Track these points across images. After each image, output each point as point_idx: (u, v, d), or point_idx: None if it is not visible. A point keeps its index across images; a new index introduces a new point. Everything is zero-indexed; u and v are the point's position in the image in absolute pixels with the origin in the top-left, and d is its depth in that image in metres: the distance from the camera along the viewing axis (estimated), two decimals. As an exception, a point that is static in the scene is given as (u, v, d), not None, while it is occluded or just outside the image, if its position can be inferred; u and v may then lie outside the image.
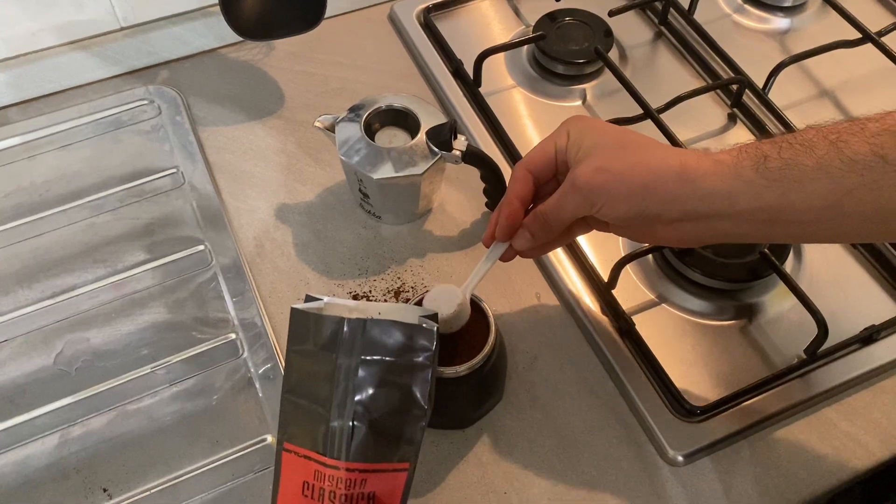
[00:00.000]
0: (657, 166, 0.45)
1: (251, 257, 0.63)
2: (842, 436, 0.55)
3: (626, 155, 0.46)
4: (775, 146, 0.43)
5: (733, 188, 0.43)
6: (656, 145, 0.47)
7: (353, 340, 0.41)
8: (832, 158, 0.41)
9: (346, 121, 0.61)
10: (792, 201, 0.42)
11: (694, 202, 0.44)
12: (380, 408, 0.41)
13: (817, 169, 0.41)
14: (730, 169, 0.43)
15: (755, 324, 0.60)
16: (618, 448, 0.54)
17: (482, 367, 0.49)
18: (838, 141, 0.41)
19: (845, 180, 0.41)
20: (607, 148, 0.47)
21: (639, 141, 0.47)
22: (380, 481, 0.41)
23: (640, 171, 0.45)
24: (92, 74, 0.73)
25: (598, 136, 0.47)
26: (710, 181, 0.44)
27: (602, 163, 0.46)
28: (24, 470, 0.53)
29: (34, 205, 0.66)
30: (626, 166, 0.45)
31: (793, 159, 0.42)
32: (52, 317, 0.60)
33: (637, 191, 0.45)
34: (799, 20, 0.81)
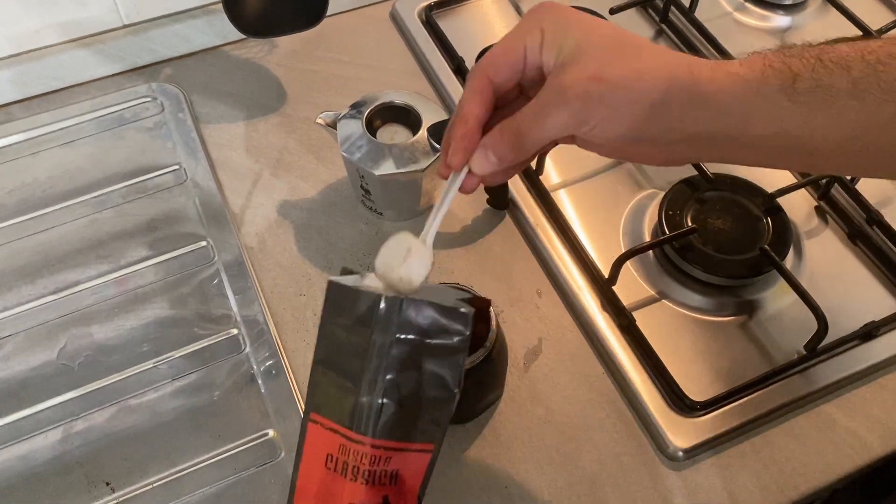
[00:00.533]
0: (664, 77, 0.37)
1: (253, 253, 0.63)
2: (841, 431, 0.55)
3: (624, 60, 0.38)
4: (806, 63, 0.37)
5: (754, 110, 0.37)
6: (657, 48, 0.39)
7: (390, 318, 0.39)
8: (870, 83, 0.36)
9: (347, 118, 0.61)
10: (816, 128, 0.37)
11: (704, 124, 0.38)
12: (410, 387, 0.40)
13: (852, 94, 0.36)
14: (752, 87, 0.37)
15: (755, 320, 0.60)
16: (618, 443, 0.54)
17: (483, 363, 0.50)
18: (878, 63, 0.36)
19: (881, 109, 0.36)
20: (599, 49, 0.38)
21: (635, 41, 0.39)
22: (404, 460, 0.40)
23: (646, 84, 0.37)
24: (95, 72, 0.73)
25: (584, 33, 0.38)
26: (725, 99, 0.37)
27: (597, 69, 0.37)
28: (28, 464, 0.54)
29: (37, 201, 0.66)
30: (626, 75, 0.37)
31: (825, 80, 0.36)
32: (56, 312, 0.60)
33: (641, 109, 0.38)
34: (800, 18, 0.81)
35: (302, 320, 0.59)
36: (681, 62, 0.38)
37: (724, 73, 0.38)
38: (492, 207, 0.66)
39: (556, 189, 0.67)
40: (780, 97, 0.37)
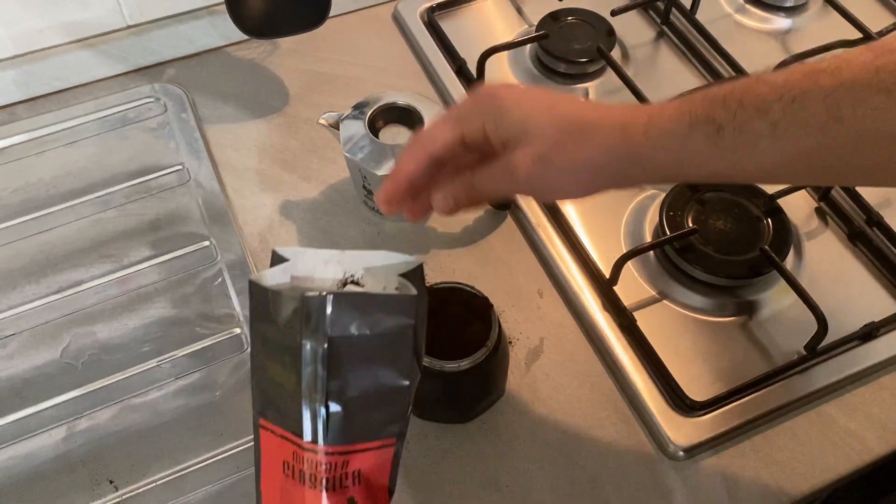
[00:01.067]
0: (603, 145, 0.42)
1: (256, 253, 0.63)
2: (841, 431, 0.55)
3: (564, 135, 0.42)
4: (728, 112, 0.40)
5: (683, 158, 0.41)
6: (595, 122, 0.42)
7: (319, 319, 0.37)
8: (787, 123, 0.39)
9: (350, 118, 0.61)
10: (744, 166, 0.41)
11: (641, 176, 0.43)
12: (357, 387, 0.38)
13: (772, 135, 0.39)
14: (680, 140, 0.41)
15: (755, 320, 0.60)
16: (619, 442, 0.55)
17: (484, 362, 0.50)
18: (793, 102, 0.39)
19: (800, 143, 0.39)
20: (542, 130, 0.42)
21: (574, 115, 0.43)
22: (365, 459, 0.39)
23: (586, 157, 0.42)
24: (98, 72, 0.74)
25: (524, 114, 0.43)
26: (660, 155, 0.41)
27: (540, 149, 0.42)
28: (32, 462, 0.54)
29: (41, 201, 0.66)
30: (567, 156, 0.42)
31: (746, 125, 0.40)
32: (59, 311, 0.60)
33: (584, 179, 0.43)
34: (800, 20, 0.81)
35: (304, 320, 0.60)
36: (615, 129, 0.42)
37: (657, 131, 0.41)
38: (493, 208, 0.66)
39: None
40: (706, 147, 0.40)
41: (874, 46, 0.39)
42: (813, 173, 0.42)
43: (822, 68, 0.39)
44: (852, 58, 0.39)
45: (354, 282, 0.44)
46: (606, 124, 0.42)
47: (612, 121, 0.42)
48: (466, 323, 0.51)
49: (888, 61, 0.37)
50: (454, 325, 0.51)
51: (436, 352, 0.49)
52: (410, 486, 0.53)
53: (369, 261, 0.44)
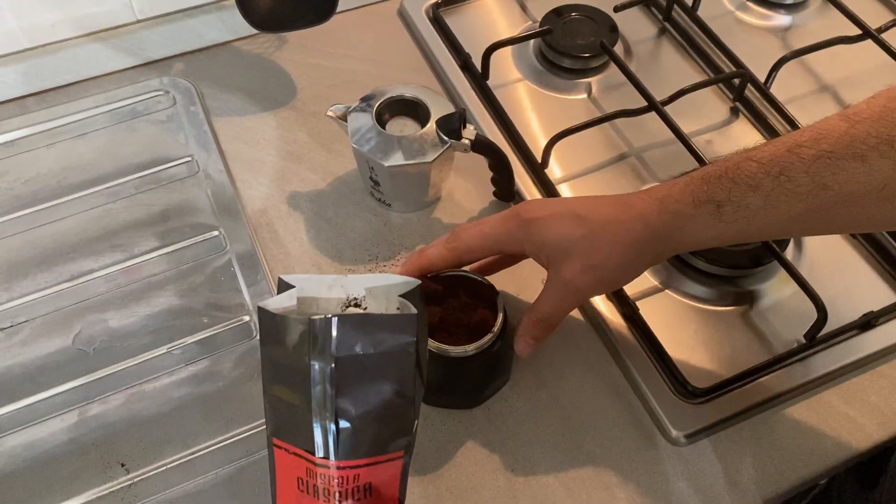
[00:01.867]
0: (630, 240, 0.48)
1: (264, 243, 0.64)
2: (840, 418, 0.56)
3: (600, 244, 0.49)
4: (724, 190, 0.46)
5: (698, 237, 0.48)
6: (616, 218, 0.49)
7: (325, 340, 0.39)
8: (778, 195, 0.44)
9: (357, 110, 0.62)
10: (748, 232, 0.47)
11: (667, 252, 0.51)
12: (364, 403, 0.40)
13: (766, 206, 0.45)
14: (688, 219, 0.47)
15: (756, 309, 0.61)
16: (622, 428, 0.56)
17: (490, 348, 0.51)
18: (780, 175, 0.44)
19: (792, 210, 0.45)
20: (578, 243, 0.49)
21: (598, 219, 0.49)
22: (375, 473, 0.41)
23: (620, 252, 0.49)
24: (108, 65, 0.75)
25: (559, 235, 0.49)
26: (675, 234, 0.48)
27: (585, 260, 0.49)
28: (45, 445, 0.55)
29: (52, 191, 0.67)
30: (606, 255, 0.49)
31: (742, 200, 0.45)
32: (71, 299, 0.61)
33: (627, 269, 0.50)
34: (800, 17, 0.83)
35: (312, 308, 0.61)
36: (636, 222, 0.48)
37: (669, 216, 0.48)
38: (498, 199, 0.67)
39: (560, 182, 0.68)
40: (710, 220, 0.47)
41: (848, 115, 0.44)
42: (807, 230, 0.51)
43: (803, 142, 0.44)
44: (829, 129, 0.44)
45: (357, 304, 0.47)
46: (628, 219, 0.49)
47: (632, 214, 0.49)
48: (472, 309, 0.52)
49: (860, 131, 0.42)
50: (460, 311, 0.52)
51: (442, 338, 0.50)
52: (416, 472, 0.53)
53: (370, 283, 0.47)
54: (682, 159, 0.67)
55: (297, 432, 0.40)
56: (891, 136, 0.42)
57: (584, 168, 0.69)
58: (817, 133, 0.44)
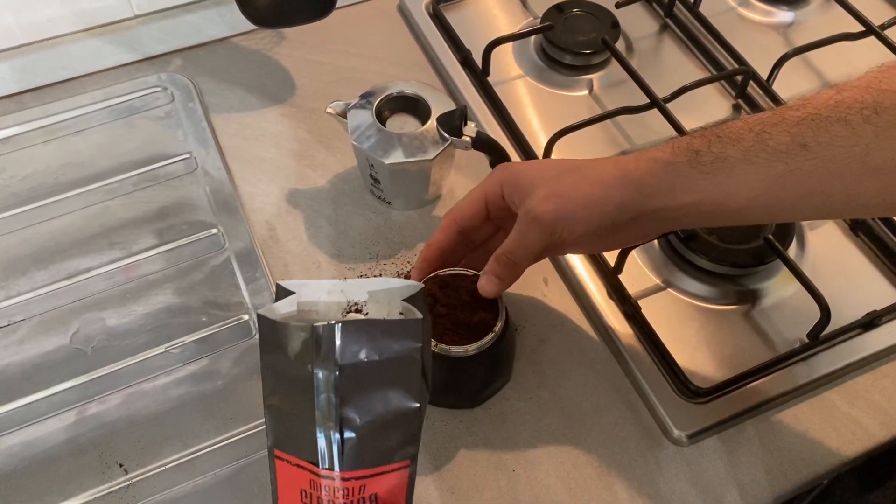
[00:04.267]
0: (600, 178, 0.48)
1: (263, 241, 0.64)
2: (843, 418, 0.56)
3: (568, 178, 0.49)
4: (705, 140, 0.45)
5: (672, 183, 0.46)
6: (591, 162, 0.50)
7: (328, 347, 0.38)
8: (757, 150, 0.44)
9: (357, 107, 0.62)
10: (726, 192, 0.45)
11: (640, 202, 0.47)
12: (370, 412, 0.39)
13: (744, 161, 0.44)
14: (666, 166, 0.46)
15: (758, 308, 0.61)
16: (623, 428, 0.55)
17: (491, 347, 0.50)
18: (762, 132, 0.44)
19: (771, 169, 0.44)
20: (548, 179, 0.49)
21: (573, 163, 0.50)
22: (381, 483, 0.39)
23: (588, 187, 0.48)
24: (106, 61, 0.74)
25: (533, 172, 0.50)
26: (650, 180, 0.47)
27: (549, 190, 0.48)
28: (43, 445, 0.54)
29: (50, 188, 0.67)
30: (572, 186, 0.48)
31: (722, 152, 0.45)
32: (68, 297, 0.61)
33: (591, 205, 0.48)
34: (803, 13, 0.82)
35: (312, 307, 0.60)
36: (611, 163, 0.48)
37: (646, 160, 0.47)
38: (499, 197, 0.67)
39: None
40: (688, 170, 0.45)
41: (839, 86, 0.44)
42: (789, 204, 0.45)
43: (790, 105, 0.44)
44: (817, 96, 0.44)
45: (358, 309, 0.46)
46: (602, 163, 0.49)
47: (607, 161, 0.49)
48: (473, 309, 0.51)
49: (847, 96, 0.42)
50: (461, 311, 0.51)
51: (443, 337, 0.50)
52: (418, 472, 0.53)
53: (372, 287, 0.45)
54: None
55: (300, 443, 0.39)
56: (876, 101, 0.41)
57: (586, 165, 0.69)
58: (805, 101, 0.44)
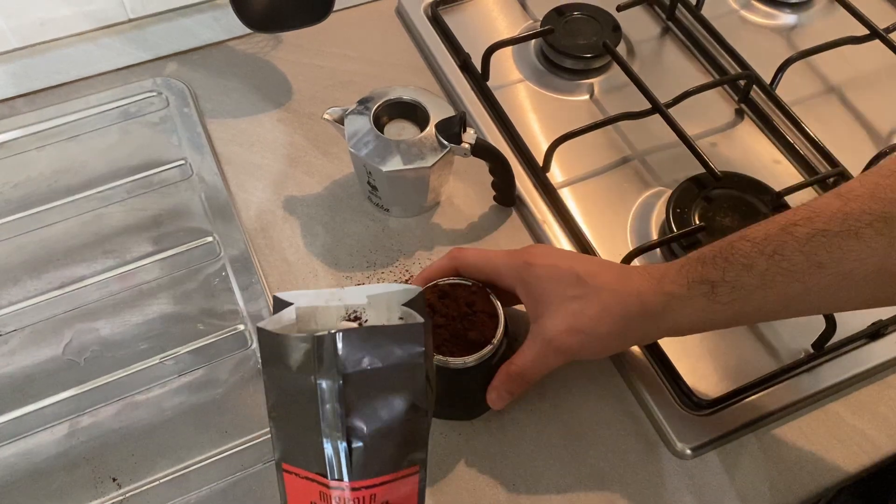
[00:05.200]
0: (623, 313, 0.47)
1: (259, 249, 0.63)
2: (849, 430, 0.55)
3: (589, 307, 0.48)
4: (717, 269, 0.45)
5: (692, 319, 0.47)
6: (612, 279, 0.48)
7: (331, 357, 0.38)
8: (773, 273, 0.44)
9: (354, 113, 0.61)
10: (744, 315, 0.46)
11: (658, 334, 0.50)
12: (376, 420, 0.38)
13: (762, 286, 0.44)
14: (682, 301, 0.46)
15: (763, 318, 0.60)
16: (625, 440, 0.54)
17: (491, 358, 0.50)
18: (774, 254, 0.44)
19: (788, 289, 0.44)
20: (568, 300, 0.48)
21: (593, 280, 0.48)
22: (391, 490, 0.39)
23: (610, 323, 0.47)
24: (100, 66, 0.73)
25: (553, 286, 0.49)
26: (671, 317, 0.47)
27: (572, 322, 0.48)
28: (34, 459, 0.53)
29: (42, 195, 0.66)
30: (594, 322, 0.47)
31: (737, 281, 0.45)
32: (61, 307, 0.60)
33: (612, 341, 0.49)
34: (806, 16, 0.81)
35: (308, 316, 0.59)
36: (632, 296, 0.47)
37: (663, 296, 0.47)
38: (499, 204, 0.66)
39: (562, 186, 0.67)
40: (705, 303, 0.46)
41: (841, 193, 0.44)
42: (808, 310, 0.47)
43: (797, 220, 0.44)
44: (822, 207, 0.43)
45: (357, 316, 0.45)
46: (624, 291, 0.48)
47: (629, 287, 0.48)
48: (472, 320, 0.50)
49: (854, 208, 0.42)
50: (460, 322, 0.50)
51: (441, 349, 0.49)
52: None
53: (370, 293, 0.45)
54: (686, 163, 0.65)
55: (308, 455, 0.39)
56: (884, 212, 0.41)
57: (587, 172, 0.68)
58: (811, 212, 0.44)
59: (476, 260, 0.52)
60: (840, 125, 0.72)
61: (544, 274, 0.49)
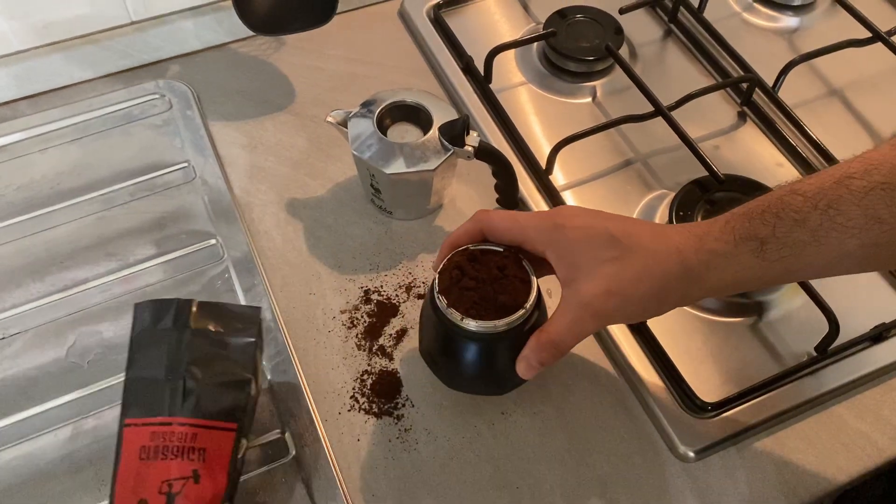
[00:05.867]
0: (662, 272, 0.45)
1: (263, 251, 0.63)
2: (852, 433, 0.55)
3: (628, 268, 0.45)
4: (768, 225, 0.43)
5: (735, 277, 0.44)
6: (649, 238, 0.46)
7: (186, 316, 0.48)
8: (827, 229, 0.41)
9: (358, 116, 0.61)
10: (792, 272, 0.44)
11: (700, 295, 0.46)
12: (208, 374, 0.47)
13: (814, 242, 0.42)
14: (727, 259, 0.44)
15: (765, 321, 0.60)
16: (629, 443, 0.54)
17: (523, 325, 0.47)
18: (828, 208, 0.42)
19: (843, 246, 0.42)
20: (604, 262, 0.45)
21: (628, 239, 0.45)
22: (210, 438, 0.46)
23: (648, 284, 0.45)
24: (102, 68, 0.73)
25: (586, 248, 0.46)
26: (714, 276, 0.44)
27: (610, 284, 0.45)
28: (37, 462, 0.53)
29: (46, 198, 0.66)
30: (633, 282, 0.45)
31: (788, 237, 0.42)
32: (64, 310, 0.60)
33: (650, 304, 0.46)
34: (808, 19, 0.81)
35: (311, 318, 0.59)
36: (671, 255, 0.45)
37: (706, 254, 0.44)
38: (501, 207, 0.66)
39: (565, 189, 0.67)
40: (753, 261, 0.43)
41: None
42: (859, 268, 0.44)
43: (852, 173, 0.41)
44: (881, 159, 0.41)
45: None
46: (663, 250, 0.45)
47: (668, 246, 0.45)
48: (503, 284, 0.48)
49: None
50: (490, 285, 0.48)
51: (470, 312, 0.47)
52: (421, 486, 0.52)
53: None
54: (689, 165, 0.65)
55: (149, 402, 0.47)
56: None
57: (590, 174, 0.68)
58: (868, 164, 0.41)
59: (503, 222, 0.48)
60: (842, 128, 0.72)
61: (576, 236, 0.46)
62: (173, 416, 0.46)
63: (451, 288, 0.48)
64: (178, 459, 0.45)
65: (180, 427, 0.46)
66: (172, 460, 0.45)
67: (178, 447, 0.45)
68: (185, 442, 0.45)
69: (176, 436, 0.45)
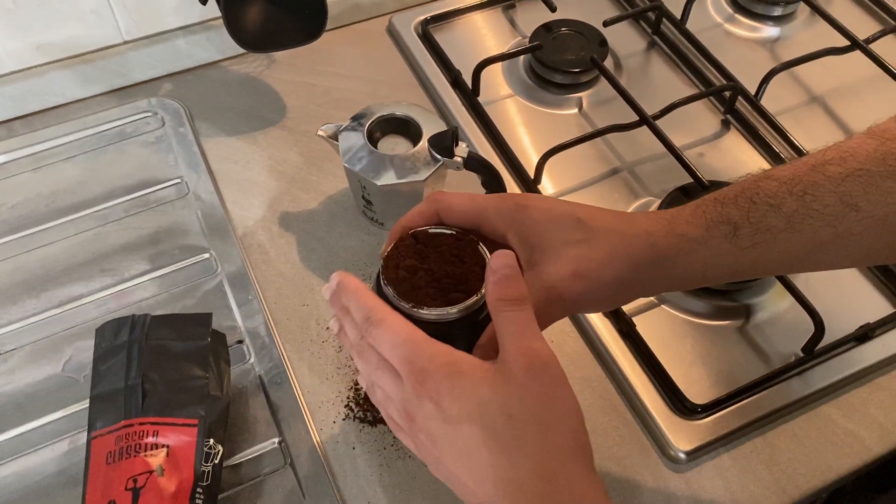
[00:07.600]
0: (631, 256, 0.42)
1: (256, 265, 0.63)
2: (840, 432, 0.56)
3: (595, 249, 0.42)
4: (741, 210, 0.41)
5: (708, 264, 0.42)
6: (617, 221, 0.44)
7: (142, 326, 0.52)
8: (802, 215, 0.40)
9: (348, 129, 0.62)
10: (765, 261, 0.42)
11: (668, 283, 0.44)
12: (165, 375, 0.50)
13: (789, 228, 0.41)
14: (699, 244, 0.42)
15: (753, 323, 0.61)
16: (620, 446, 0.55)
17: (479, 311, 0.43)
18: (804, 194, 0.40)
19: (818, 234, 0.40)
20: (570, 244, 0.42)
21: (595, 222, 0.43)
22: (173, 434, 0.48)
23: (616, 268, 0.42)
24: (96, 87, 0.74)
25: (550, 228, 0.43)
26: (683, 261, 0.42)
27: (576, 267, 0.42)
28: (34, 477, 0.54)
29: (40, 216, 0.66)
30: (600, 265, 0.42)
31: (762, 222, 0.41)
32: (60, 325, 0.60)
33: (619, 289, 0.43)
34: (788, 28, 0.83)
35: (305, 330, 0.60)
36: (640, 237, 0.43)
37: (676, 238, 0.42)
38: (491, 216, 0.66)
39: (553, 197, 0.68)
40: (725, 246, 0.41)
41: (874, 133, 0.40)
42: (831, 261, 0.43)
43: (828, 159, 0.40)
44: (856, 146, 0.40)
45: None
46: (631, 234, 0.43)
47: (637, 229, 0.43)
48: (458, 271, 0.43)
49: (893, 147, 0.39)
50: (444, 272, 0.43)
51: (422, 301, 0.42)
52: (416, 493, 0.53)
53: None
54: (674, 173, 0.67)
55: (111, 410, 0.49)
56: None
57: (577, 183, 0.69)
58: (843, 151, 0.40)
59: (460, 203, 0.45)
60: (824, 134, 0.73)
61: (540, 217, 0.43)
62: (134, 416, 0.49)
63: (398, 274, 0.44)
64: (142, 455, 0.47)
65: (141, 426, 0.48)
66: (136, 457, 0.47)
67: (141, 444, 0.48)
68: (147, 438, 0.48)
69: (138, 434, 0.48)
